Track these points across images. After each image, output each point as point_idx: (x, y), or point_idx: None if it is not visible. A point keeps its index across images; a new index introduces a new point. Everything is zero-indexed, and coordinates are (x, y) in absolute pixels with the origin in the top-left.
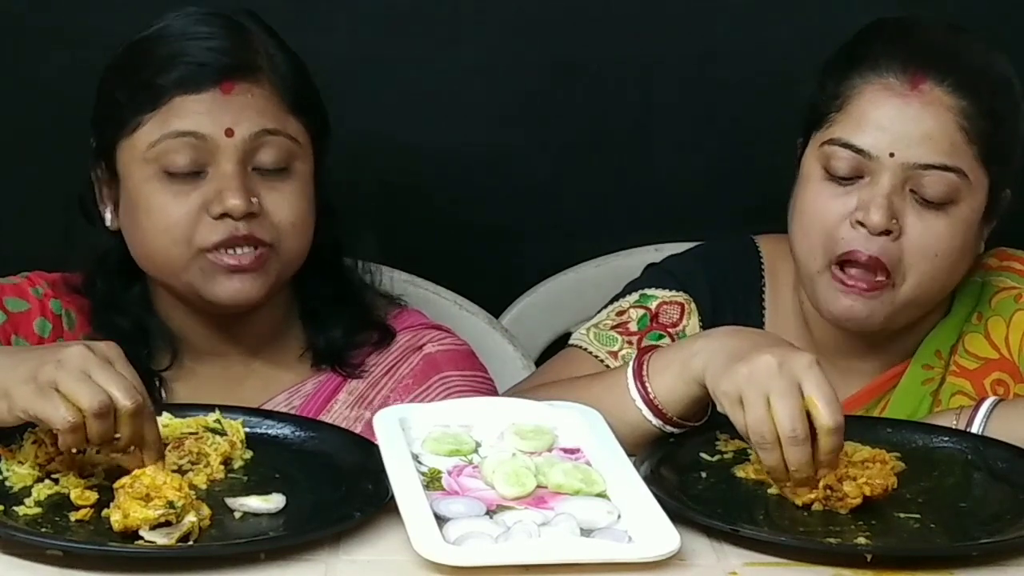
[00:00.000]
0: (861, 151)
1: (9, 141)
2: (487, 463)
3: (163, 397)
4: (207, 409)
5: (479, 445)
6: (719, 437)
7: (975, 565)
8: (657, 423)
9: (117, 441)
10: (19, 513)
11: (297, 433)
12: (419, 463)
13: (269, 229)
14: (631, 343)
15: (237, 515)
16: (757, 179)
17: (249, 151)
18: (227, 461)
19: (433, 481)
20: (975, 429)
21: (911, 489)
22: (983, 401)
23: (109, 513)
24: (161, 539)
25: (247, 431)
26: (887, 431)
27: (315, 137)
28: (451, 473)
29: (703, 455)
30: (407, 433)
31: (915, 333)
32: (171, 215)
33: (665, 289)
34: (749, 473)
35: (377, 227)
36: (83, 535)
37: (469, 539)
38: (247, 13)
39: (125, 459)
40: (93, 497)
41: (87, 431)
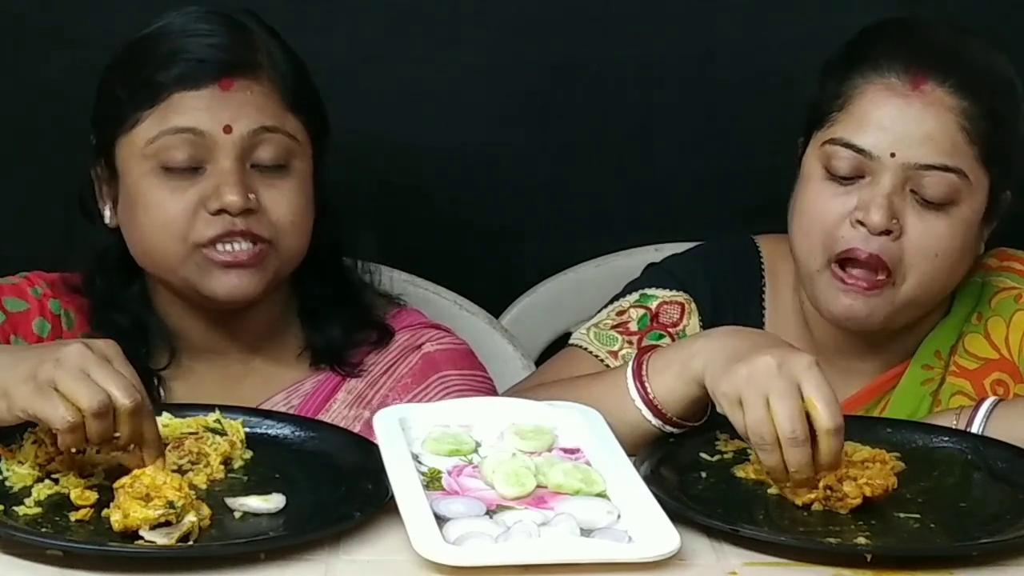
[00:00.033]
0: (862, 151)
1: (9, 141)
2: (487, 463)
3: (161, 395)
4: (207, 409)
5: (479, 445)
6: (719, 437)
7: (975, 565)
8: (657, 423)
9: (116, 440)
10: (19, 513)
11: (297, 433)
12: (419, 463)
13: (267, 226)
14: (631, 343)
15: (237, 515)
16: (757, 179)
17: (247, 148)
18: (227, 461)
19: (433, 481)
20: (975, 429)
21: (911, 489)
22: (983, 401)
23: (109, 513)
24: (161, 539)
25: (247, 431)
26: (887, 431)
27: (314, 136)
28: (451, 473)
29: (703, 455)
30: (407, 433)
31: (915, 333)
32: (168, 210)
33: (665, 289)
34: (749, 473)
35: (377, 227)
36: (83, 535)
37: (469, 539)
38: (248, 12)
39: (125, 457)
40: (93, 497)
41: (86, 431)
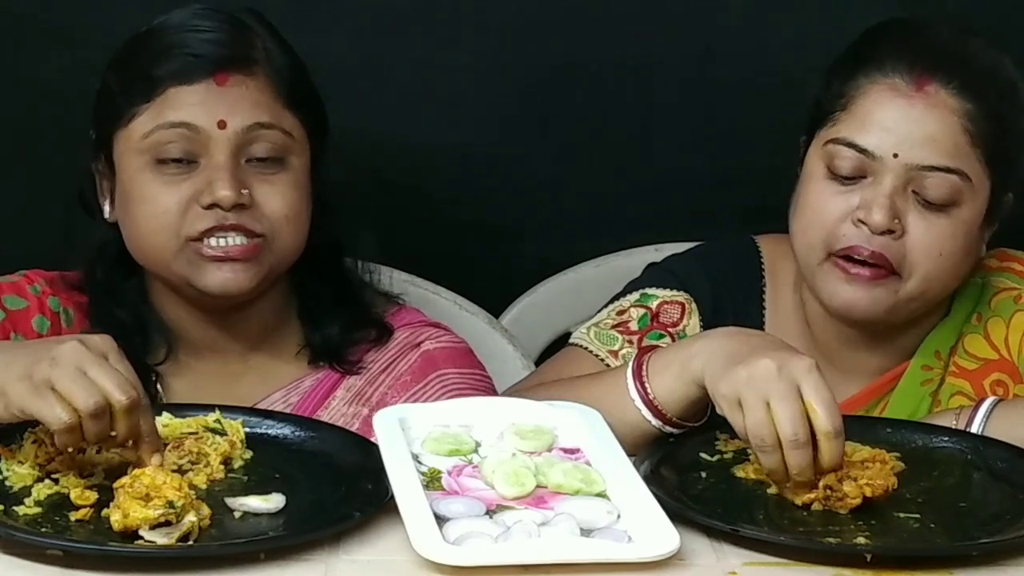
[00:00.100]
0: (865, 151)
1: (9, 141)
2: (487, 463)
3: (160, 392)
4: (207, 409)
5: (479, 445)
6: (719, 437)
7: (975, 565)
8: (656, 423)
9: (114, 438)
10: (19, 513)
11: (297, 433)
12: (419, 463)
13: (261, 220)
14: (631, 342)
15: (237, 515)
16: (757, 179)
17: (242, 143)
18: (227, 461)
19: (433, 481)
20: (975, 429)
21: (911, 489)
22: (983, 401)
23: (109, 513)
24: (161, 539)
25: (247, 431)
26: (887, 431)
27: (312, 133)
28: (451, 473)
29: (703, 455)
30: (407, 433)
31: (915, 333)
32: (161, 204)
33: (666, 288)
34: (749, 473)
35: (377, 227)
36: (83, 535)
37: (469, 539)
38: (249, 11)
39: (124, 452)
40: (93, 497)
41: (83, 431)
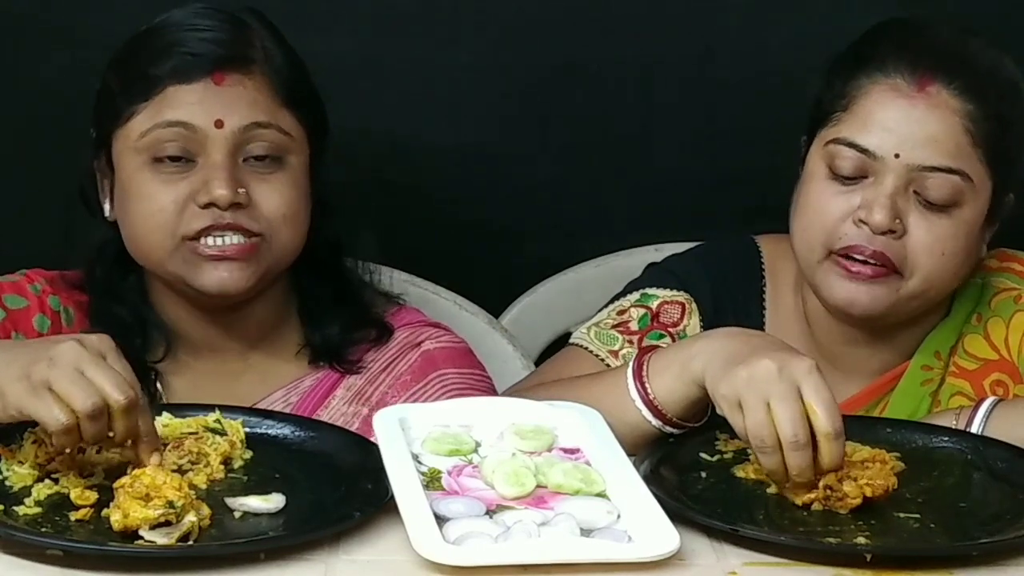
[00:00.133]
0: (866, 151)
1: (9, 141)
2: (487, 463)
3: (160, 391)
4: (207, 409)
5: (479, 445)
6: (719, 437)
7: (975, 565)
8: (656, 424)
9: (112, 438)
10: (19, 513)
11: (297, 433)
12: (419, 463)
13: (258, 219)
14: (632, 342)
15: (237, 515)
16: (757, 179)
17: (239, 143)
18: (227, 461)
19: (433, 481)
20: (975, 429)
21: (911, 489)
22: (983, 401)
23: (109, 513)
24: (161, 539)
25: (247, 431)
26: (887, 431)
27: (311, 132)
28: (451, 473)
29: (703, 455)
30: (407, 433)
31: (915, 334)
32: (158, 202)
33: (666, 288)
34: (749, 473)
35: (377, 227)
36: (83, 535)
37: (469, 539)
38: (250, 10)
39: (123, 451)
40: (93, 497)
41: (81, 431)
